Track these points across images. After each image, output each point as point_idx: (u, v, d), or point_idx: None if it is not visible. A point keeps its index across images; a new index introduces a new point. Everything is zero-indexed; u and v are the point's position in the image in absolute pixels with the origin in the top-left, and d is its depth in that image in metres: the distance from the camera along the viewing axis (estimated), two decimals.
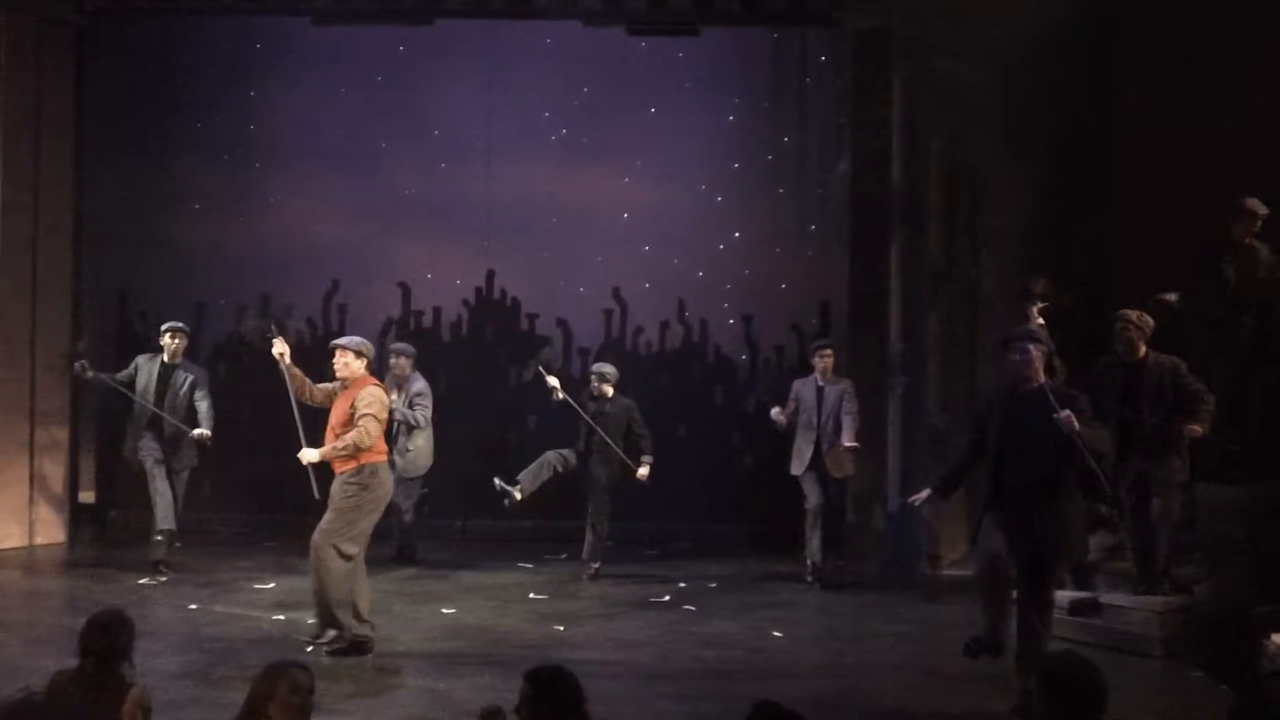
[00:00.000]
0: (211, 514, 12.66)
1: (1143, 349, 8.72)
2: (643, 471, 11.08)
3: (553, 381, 11.11)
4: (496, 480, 10.88)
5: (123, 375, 11.08)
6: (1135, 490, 8.83)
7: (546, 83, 13.39)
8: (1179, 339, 9.16)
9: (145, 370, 10.97)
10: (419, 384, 11.36)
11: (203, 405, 10.88)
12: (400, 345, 11.69)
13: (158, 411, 10.81)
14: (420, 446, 11.35)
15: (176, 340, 10.99)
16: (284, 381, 8.54)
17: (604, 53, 13.03)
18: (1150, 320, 8.74)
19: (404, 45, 13.32)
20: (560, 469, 11.05)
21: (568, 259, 13.48)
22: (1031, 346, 7.25)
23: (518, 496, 10.87)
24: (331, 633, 8.28)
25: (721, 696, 7.42)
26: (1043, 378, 7.31)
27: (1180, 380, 8.65)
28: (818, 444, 10.80)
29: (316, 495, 8.46)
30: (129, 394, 11.00)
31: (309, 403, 8.60)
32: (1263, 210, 9.54)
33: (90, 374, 11.27)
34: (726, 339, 13.62)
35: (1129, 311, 8.77)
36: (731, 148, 13.54)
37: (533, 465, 11.05)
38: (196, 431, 10.81)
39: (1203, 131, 10.49)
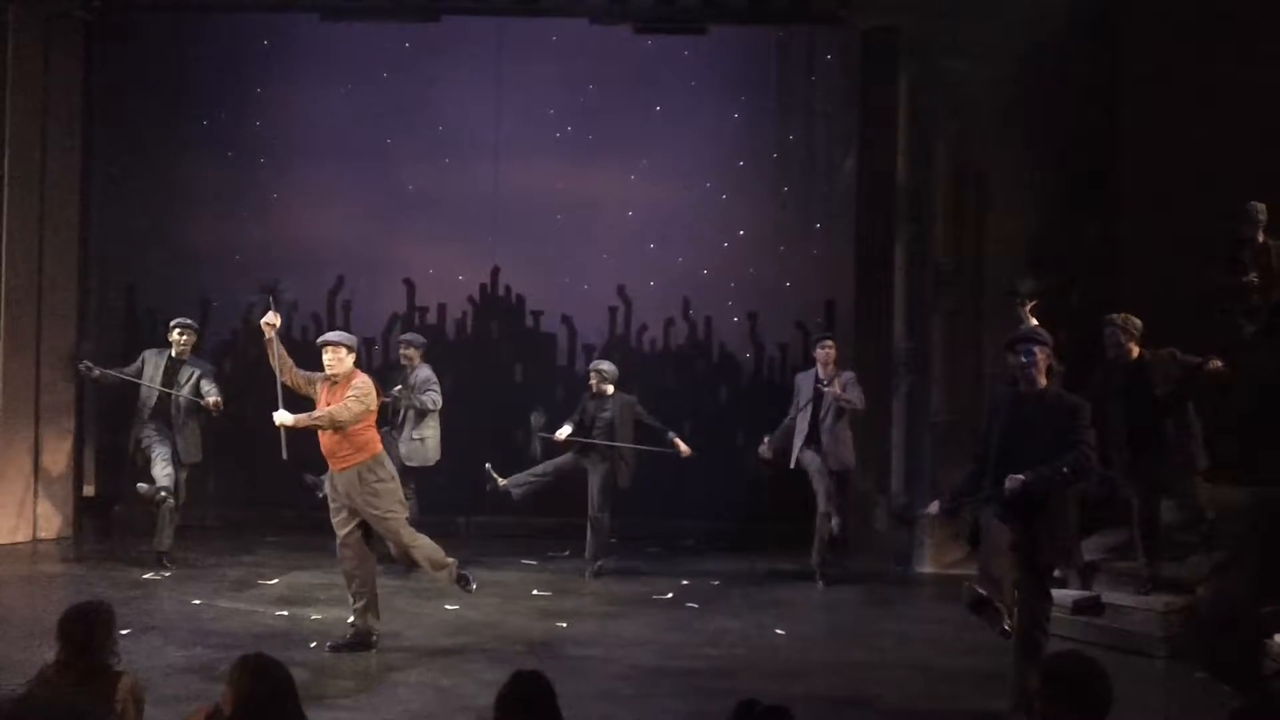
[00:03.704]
0: (216, 509, 12.67)
1: (1135, 349, 8.80)
2: (683, 447, 11.15)
3: (561, 433, 11.19)
4: (489, 465, 11.07)
5: (129, 370, 11.10)
6: (1144, 486, 8.88)
7: (552, 80, 13.40)
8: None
9: (152, 363, 11.00)
10: (425, 371, 11.36)
11: (211, 390, 10.86)
12: (409, 336, 11.71)
13: (165, 390, 10.81)
14: (430, 436, 11.31)
15: (185, 336, 11.00)
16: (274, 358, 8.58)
17: (610, 50, 13.04)
18: (1137, 321, 8.81)
19: (410, 42, 13.33)
20: (559, 476, 11.15)
21: (573, 256, 13.49)
22: (1036, 349, 7.24)
23: (500, 483, 11.07)
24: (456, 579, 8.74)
25: (724, 694, 7.37)
26: (1045, 380, 7.30)
27: (1180, 360, 8.77)
28: (815, 435, 10.81)
29: (284, 456, 8.60)
30: (136, 381, 10.99)
31: (286, 381, 8.63)
32: (1262, 211, 9.54)
33: (96, 372, 11.24)
34: (731, 337, 13.63)
35: (1115, 315, 8.89)
36: (737, 146, 13.54)
37: (525, 474, 11.18)
38: (211, 399, 10.78)
39: (1208, 130, 10.48)
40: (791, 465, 10.93)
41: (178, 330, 11.00)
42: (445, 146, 13.51)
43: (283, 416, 8.44)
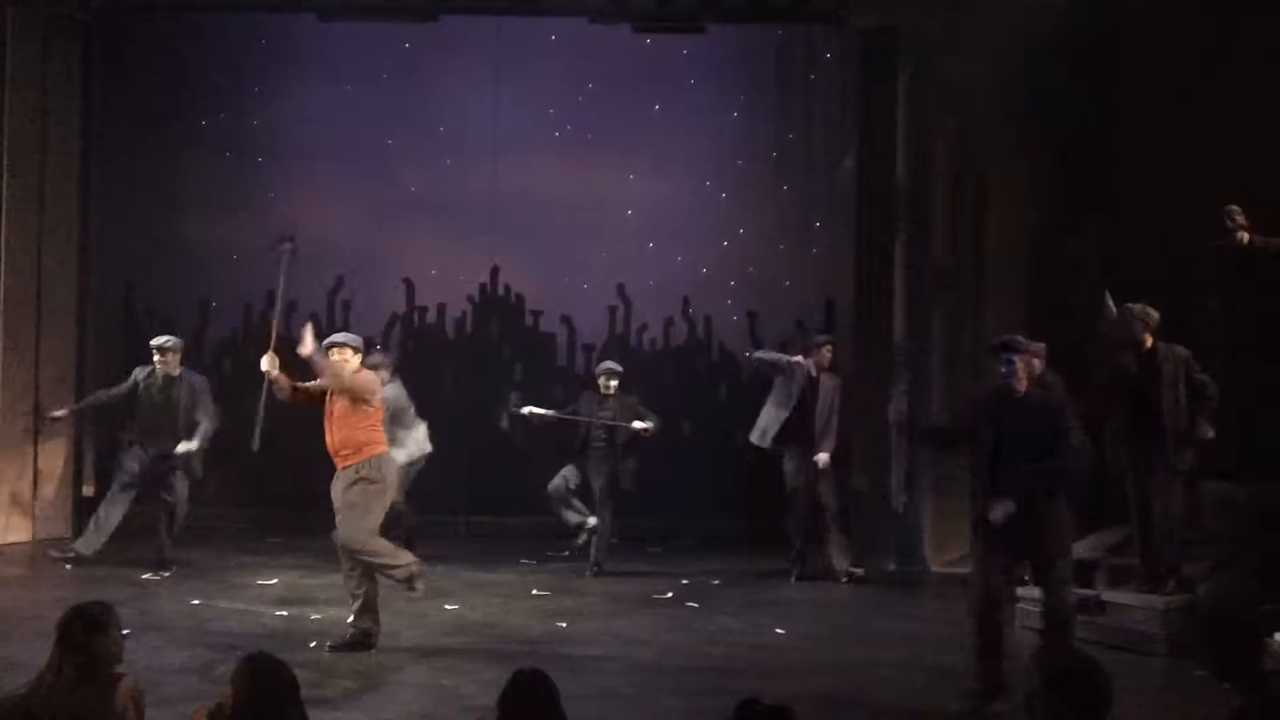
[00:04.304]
0: (215, 509, 12.65)
1: (1149, 339, 8.87)
2: (637, 424, 11.10)
3: (538, 410, 11.22)
4: (589, 573, 11.06)
5: (123, 388, 11.07)
6: (1142, 482, 8.91)
7: (551, 79, 13.40)
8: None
9: (144, 385, 10.93)
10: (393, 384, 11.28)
11: (203, 423, 10.83)
12: (375, 358, 11.60)
13: (162, 417, 10.80)
14: (400, 435, 11.30)
15: (165, 357, 10.88)
16: (287, 369, 8.56)
17: (609, 50, 13.03)
18: (1154, 314, 8.88)
19: (409, 42, 13.32)
20: (573, 486, 11.16)
21: (572, 256, 13.48)
22: (1018, 358, 7.29)
23: (590, 523, 11.10)
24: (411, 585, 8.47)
25: (724, 693, 7.35)
26: (1025, 385, 7.32)
27: (1189, 371, 8.84)
28: (808, 431, 10.88)
29: (255, 446, 8.62)
30: (94, 408, 11.21)
31: (300, 401, 8.54)
32: (1237, 213, 9.50)
33: (60, 413, 11.51)
34: (730, 336, 13.62)
35: (1133, 305, 8.91)
36: (736, 145, 13.54)
37: (561, 514, 11.20)
38: (181, 447, 10.74)
39: (1207, 129, 10.49)
40: (763, 444, 11.07)
41: (156, 353, 10.89)
42: (444, 146, 13.51)
43: (269, 362, 8.37)
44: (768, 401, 11.12)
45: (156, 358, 10.90)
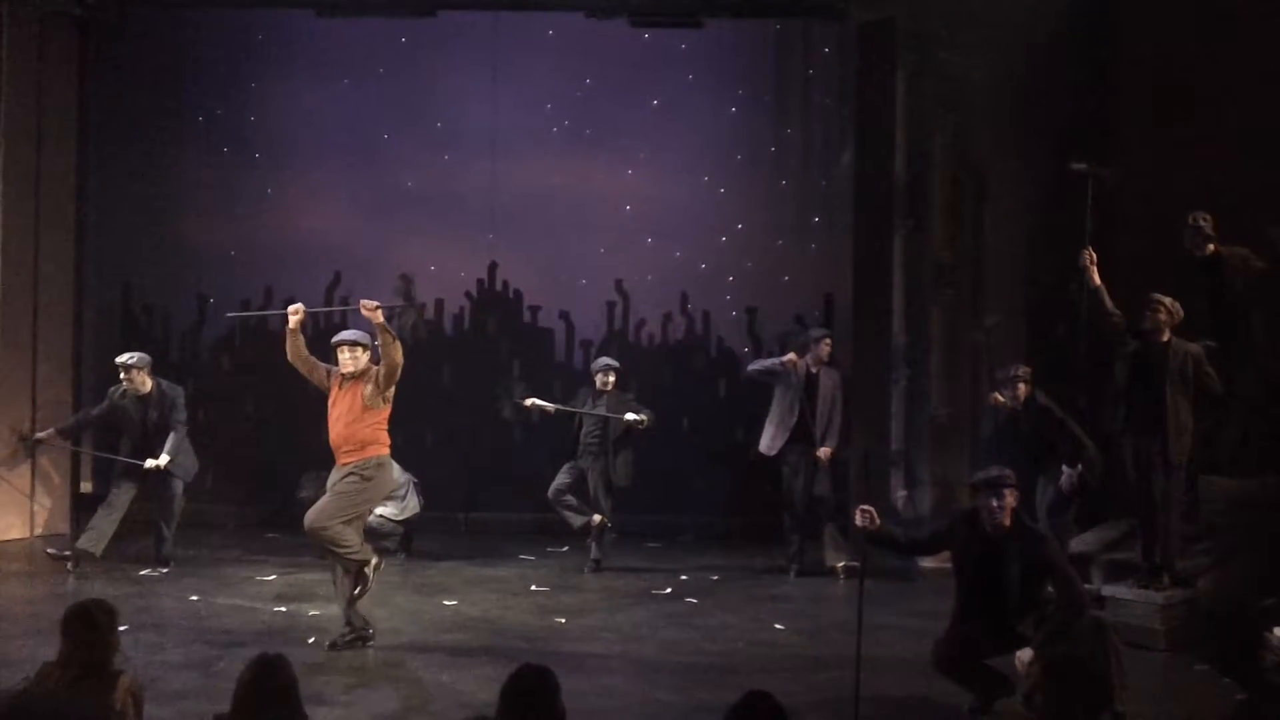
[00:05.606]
0: (214, 506, 12.63)
1: (1168, 334, 8.92)
2: (630, 416, 11.10)
3: (540, 402, 11.30)
4: (588, 569, 11.02)
5: (103, 407, 11.05)
6: (1144, 475, 8.92)
7: (549, 75, 13.37)
8: None
9: (120, 407, 10.86)
10: None
11: (170, 438, 10.71)
12: None
13: (134, 440, 10.80)
14: None
15: (130, 374, 10.73)
16: (286, 367, 8.52)
17: (606, 44, 13.02)
18: (1181, 310, 8.94)
19: (406, 37, 13.31)
20: (569, 483, 11.16)
21: (570, 251, 13.47)
22: (1007, 491, 7.18)
23: (595, 519, 11.02)
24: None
25: (723, 689, 7.40)
26: (1011, 519, 7.22)
27: (1200, 369, 8.87)
28: (800, 430, 10.89)
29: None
30: (78, 428, 11.26)
31: (288, 349, 8.44)
32: (1194, 221, 9.40)
33: (44, 434, 11.46)
34: (729, 331, 13.61)
35: (1163, 297, 8.96)
36: (734, 140, 13.52)
37: (564, 516, 11.13)
38: (149, 462, 10.63)
39: (1205, 125, 10.46)
40: (771, 453, 11.03)
41: (121, 372, 10.75)
42: (442, 142, 13.49)
43: (298, 308, 8.36)
44: (771, 414, 11.10)
45: (122, 375, 10.78)
